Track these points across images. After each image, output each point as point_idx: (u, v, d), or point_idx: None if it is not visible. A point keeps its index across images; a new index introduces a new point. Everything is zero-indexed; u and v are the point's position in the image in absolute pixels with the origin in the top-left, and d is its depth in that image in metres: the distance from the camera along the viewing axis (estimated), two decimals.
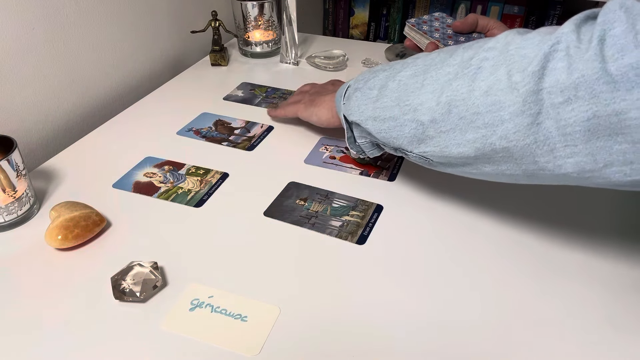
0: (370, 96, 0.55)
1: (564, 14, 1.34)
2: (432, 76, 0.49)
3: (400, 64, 0.55)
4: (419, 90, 0.49)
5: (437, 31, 0.75)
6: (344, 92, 0.60)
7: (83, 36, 0.79)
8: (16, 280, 0.51)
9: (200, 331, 0.46)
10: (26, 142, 0.73)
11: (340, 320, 0.47)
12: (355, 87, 0.58)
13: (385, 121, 0.53)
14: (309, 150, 0.72)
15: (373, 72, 0.57)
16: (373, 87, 0.55)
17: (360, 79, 0.59)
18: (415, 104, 0.49)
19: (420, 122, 0.49)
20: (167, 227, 0.58)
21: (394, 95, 0.52)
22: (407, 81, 0.51)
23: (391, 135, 0.53)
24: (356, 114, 0.57)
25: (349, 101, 0.58)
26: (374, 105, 0.54)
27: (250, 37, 1.00)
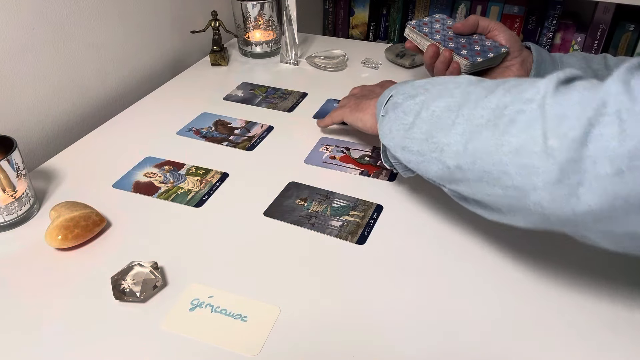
0: (404, 122, 0.52)
1: (564, 14, 1.34)
2: (464, 115, 0.45)
3: (439, 86, 0.51)
4: (449, 128, 0.46)
5: (437, 33, 0.74)
6: (386, 101, 0.57)
7: (83, 36, 0.79)
8: (16, 280, 0.51)
9: (200, 331, 0.46)
10: (26, 142, 0.73)
11: (340, 320, 0.47)
12: (395, 103, 0.55)
13: (413, 154, 0.50)
14: (309, 150, 0.72)
15: (414, 88, 0.54)
16: (409, 112, 0.52)
17: (401, 91, 0.55)
18: (443, 143, 0.46)
19: (446, 165, 0.46)
20: (167, 227, 0.58)
21: (424, 127, 0.49)
22: (440, 114, 0.47)
23: (419, 169, 0.51)
24: (387, 137, 0.54)
25: (384, 120, 0.55)
26: (405, 133, 0.51)
27: (250, 37, 1.00)
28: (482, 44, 0.73)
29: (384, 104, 0.57)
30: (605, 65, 0.69)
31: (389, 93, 0.57)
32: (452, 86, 0.50)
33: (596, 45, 1.33)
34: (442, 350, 0.45)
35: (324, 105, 0.84)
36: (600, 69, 0.68)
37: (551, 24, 1.34)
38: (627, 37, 1.29)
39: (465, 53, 0.71)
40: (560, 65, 0.69)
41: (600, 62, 0.69)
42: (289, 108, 0.84)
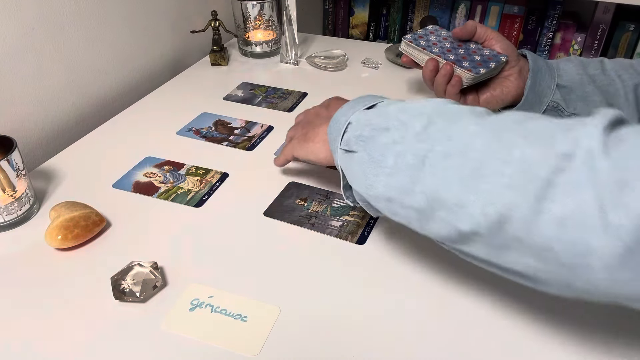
0: (382, 165, 0.42)
1: (564, 14, 1.34)
2: (476, 168, 0.36)
3: (420, 118, 0.42)
4: (456, 183, 0.37)
5: (435, 45, 0.73)
6: (342, 131, 0.47)
7: (83, 36, 0.79)
8: (16, 280, 0.51)
9: (200, 331, 0.46)
10: (26, 142, 0.73)
11: (340, 320, 0.47)
12: (361, 136, 0.45)
13: (405, 208, 0.41)
14: None
15: (384, 117, 0.44)
16: (387, 154, 0.42)
17: (364, 121, 0.46)
18: (451, 203, 0.37)
19: (456, 228, 0.38)
20: (167, 227, 0.58)
21: (416, 176, 0.40)
22: (437, 163, 0.38)
23: (412, 225, 0.42)
24: (360, 184, 0.45)
25: (349, 158, 0.46)
26: (387, 180, 0.42)
27: (250, 37, 1.00)
28: (481, 53, 0.71)
29: (341, 133, 0.47)
30: (602, 70, 0.68)
31: (344, 118, 0.48)
32: (439, 120, 0.41)
33: (596, 45, 1.33)
34: (442, 350, 0.45)
35: None
36: (597, 74, 0.68)
37: (551, 24, 1.34)
38: (627, 37, 1.29)
39: (467, 65, 0.69)
40: (557, 73, 0.69)
41: (597, 67, 0.69)
42: (289, 108, 0.84)
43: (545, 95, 0.69)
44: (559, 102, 0.69)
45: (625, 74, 0.67)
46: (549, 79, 0.69)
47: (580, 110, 0.69)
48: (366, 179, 0.44)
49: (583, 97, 0.68)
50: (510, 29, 1.38)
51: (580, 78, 0.68)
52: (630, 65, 0.68)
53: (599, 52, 1.33)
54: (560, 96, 0.69)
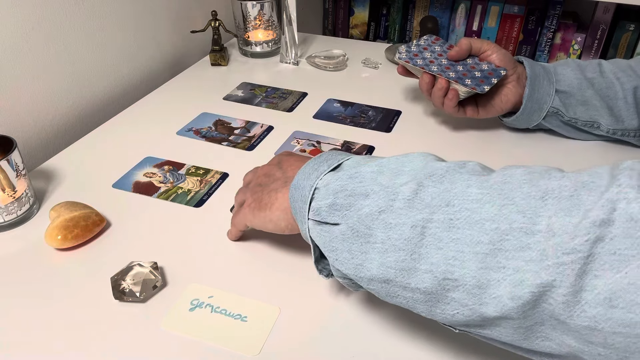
0: (370, 240, 0.37)
1: (564, 14, 1.34)
2: (492, 241, 0.32)
3: (405, 184, 0.37)
4: (471, 260, 0.33)
5: (432, 63, 0.71)
6: (309, 199, 0.41)
7: (83, 36, 0.79)
8: (16, 281, 0.51)
9: (200, 331, 0.46)
10: (26, 142, 0.73)
11: (340, 320, 0.47)
12: (332, 205, 0.39)
13: (407, 290, 0.36)
14: (281, 143, 0.73)
15: (357, 180, 0.39)
16: (372, 225, 0.36)
17: (333, 186, 0.40)
18: (469, 284, 0.33)
19: (479, 314, 0.33)
20: (167, 227, 0.58)
21: (417, 252, 0.35)
22: (441, 234, 0.34)
23: (417, 309, 0.37)
24: (346, 263, 0.38)
25: (326, 232, 0.40)
26: (381, 259, 0.36)
27: (250, 37, 1.00)
28: (480, 68, 0.70)
29: (307, 201, 0.41)
30: (600, 72, 0.68)
31: (307, 183, 0.42)
32: (429, 182, 0.36)
33: (596, 45, 1.33)
34: (441, 350, 0.45)
35: (324, 105, 0.84)
36: (595, 77, 0.68)
37: (551, 24, 1.34)
38: (627, 37, 1.29)
39: (471, 83, 0.68)
40: (554, 78, 0.68)
41: (594, 69, 0.69)
42: (289, 108, 0.84)
43: (544, 102, 0.69)
44: (559, 107, 0.69)
45: (623, 77, 0.67)
46: (547, 86, 0.68)
47: (580, 115, 0.69)
48: (353, 257, 0.38)
49: (583, 101, 0.68)
50: (510, 29, 1.38)
51: (579, 82, 0.68)
52: (628, 67, 0.68)
53: (599, 52, 1.33)
54: (559, 102, 0.68)
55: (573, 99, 0.68)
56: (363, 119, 0.80)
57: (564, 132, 0.73)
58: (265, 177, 0.52)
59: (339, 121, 0.80)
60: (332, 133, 0.76)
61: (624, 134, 0.70)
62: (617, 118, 0.68)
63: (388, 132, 0.77)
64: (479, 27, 1.41)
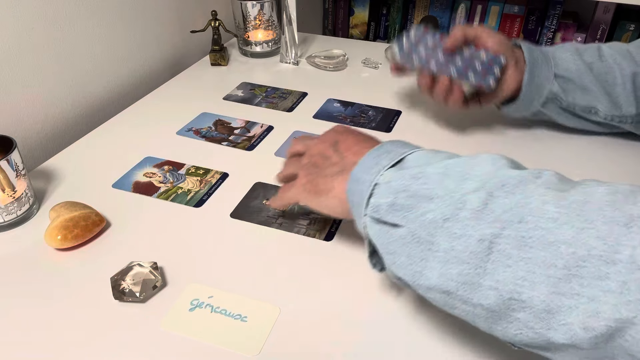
0: (432, 248, 0.36)
1: (564, 14, 1.34)
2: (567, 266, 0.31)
3: (474, 192, 0.35)
4: (542, 282, 0.31)
5: (429, 61, 0.68)
6: (368, 195, 0.40)
7: (82, 36, 0.79)
8: (16, 281, 0.51)
9: (200, 331, 0.46)
10: (26, 142, 0.73)
11: (341, 320, 0.47)
12: (393, 205, 0.38)
13: (468, 304, 0.35)
14: (280, 143, 0.73)
15: (422, 181, 0.38)
16: (435, 233, 0.35)
17: (396, 184, 0.39)
18: (537, 307, 0.32)
19: (545, 338, 0.32)
20: (167, 227, 0.58)
21: (483, 267, 0.33)
22: (511, 252, 0.33)
23: (476, 323, 0.36)
24: (404, 268, 0.38)
25: (384, 233, 0.39)
26: (443, 269, 0.35)
27: (250, 36, 1.00)
28: (480, 59, 0.67)
29: (366, 198, 0.40)
30: (599, 57, 0.67)
31: (367, 178, 0.41)
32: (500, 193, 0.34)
33: None
34: (440, 349, 0.45)
35: (324, 105, 0.84)
36: (594, 62, 0.67)
37: (551, 23, 1.34)
38: (627, 37, 1.29)
39: (474, 78, 0.66)
40: (553, 62, 0.67)
41: (593, 54, 0.68)
42: (289, 108, 0.84)
43: (544, 88, 0.68)
44: (558, 92, 0.68)
45: (623, 62, 0.66)
46: (546, 70, 0.67)
47: (579, 100, 0.68)
48: (412, 263, 0.37)
49: (581, 86, 0.67)
50: (510, 29, 1.38)
51: (577, 67, 0.67)
52: (627, 52, 0.67)
53: None
54: (558, 87, 0.67)
55: (572, 84, 0.67)
56: (363, 119, 0.80)
57: (561, 120, 0.72)
58: (321, 157, 0.50)
59: (339, 121, 0.80)
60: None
61: (622, 121, 0.69)
62: (615, 104, 0.67)
63: (388, 132, 0.77)
64: None
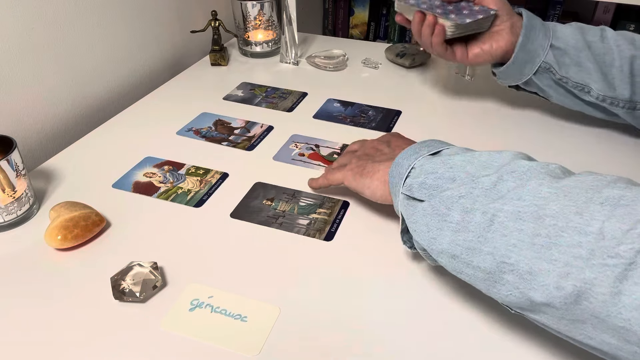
0: (447, 220, 0.42)
1: (564, 14, 1.34)
2: (549, 235, 0.35)
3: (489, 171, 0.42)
4: (528, 249, 0.36)
5: (424, 3, 0.71)
6: (405, 175, 0.47)
7: (82, 36, 0.79)
8: (16, 280, 0.51)
9: (200, 331, 0.46)
10: (26, 142, 0.73)
11: (341, 320, 0.47)
12: (424, 184, 0.45)
13: (470, 267, 0.41)
14: (279, 147, 0.73)
15: (448, 166, 0.44)
16: (451, 207, 0.41)
17: (429, 168, 0.46)
18: (522, 269, 0.37)
19: (527, 297, 0.37)
20: (167, 227, 0.58)
21: (484, 236, 0.39)
22: (508, 224, 0.38)
23: (478, 285, 0.42)
24: (423, 235, 0.44)
25: (412, 207, 0.46)
26: (453, 237, 0.41)
27: (250, 37, 1.00)
28: (471, 9, 0.69)
29: (403, 178, 0.47)
30: (601, 37, 0.67)
31: (407, 162, 0.48)
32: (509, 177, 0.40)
33: None
34: (439, 349, 0.45)
35: (324, 105, 0.84)
36: (595, 42, 0.66)
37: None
38: None
39: (454, 17, 0.67)
40: (552, 34, 0.67)
41: (596, 34, 0.67)
42: (289, 108, 0.84)
43: (537, 55, 0.67)
44: (552, 63, 0.67)
45: (624, 45, 0.66)
46: (542, 38, 0.67)
47: (572, 75, 0.67)
48: (429, 231, 0.43)
49: (577, 62, 0.67)
50: None
51: (575, 42, 0.66)
52: (632, 38, 0.67)
53: None
54: (553, 58, 0.67)
55: (567, 58, 0.67)
56: (363, 119, 0.80)
57: (553, 95, 0.71)
58: (373, 150, 0.59)
59: (339, 121, 0.80)
60: (332, 133, 0.76)
61: (613, 103, 0.68)
62: (609, 85, 0.66)
63: (388, 132, 0.77)
64: None
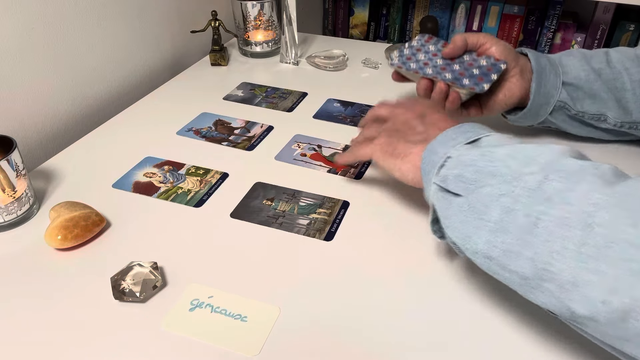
0: (484, 218, 0.39)
1: (564, 14, 1.34)
2: (597, 245, 0.33)
3: (533, 174, 0.38)
4: (573, 257, 0.34)
5: (427, 65, 0.66)
6: (440, 165, 0.45)
7: (82, 36, 0.79)
8: (16, 280, 0.51)
9: (200, 331, 0.46)
10: (26, 142, 0.73)
11: (341, 320, 0.47)
12: (459, 176, 0.42)
13: (506, 270, 0.38)
14: (282, 147, 0.73)
15: (488, 159, 0.41)
16: (490, 205, 0.39)
17: (466, 159, 0.43)
18: (564, 279, 0.34)
19: (567, 308, 0.35)
20: (167, 227, 0.58)
21: (525, 239, 0.37)
22: (553, 229, 0.35)
23: (513, 288, 0.40)
24: (457, 232, 0.42)
25: (446, 202, 0.43)
26: (490, 237, 0.39)
27: (250, 37, 1.00)
28: (478, 64, 0.65)
29: (437, 166, 0.45)
30: (607, 62, 0.66)
31: (442, 150, 0.45)
32: (556, 177, 0.37)
33: (596, 45, 1.33)
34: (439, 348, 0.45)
35: (324, 105, 0.84)
36: (603, 68, 0.65)
37: (551, 24, 1.34)
38: (627, 37, 1.29)
39: (469, 83, 0.63)
40: (560, 70, 0.66)
41: (601, 59, 0.66)
42: (289, 108, 0.84)
43: (551, 96, 0.66)
44: (566, 101, 0.66)
45: (632, 67, 0.65)
46: (554, 79, 0.65)
47: (588, 108, 0.66)
48: (464, 228, 0.41)
49: (590, 94, 0.65)
50: (510, 29, 1.38)
51: (586, 75, 0.65)
52: (636, 57, 0.66)
53: None
54: (566, 95, 0.66)
55: (581, 92, 0.65)
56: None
57: (569, 128, 0.70)
58: (405, 125, 0.54)
59: (339, 121, 0.80)
60: (332, 133, 0.76)
61: (632, 127, 0.67)
62: (625, 110, 0.65)
63: None
64: (478, 27, 1.41)
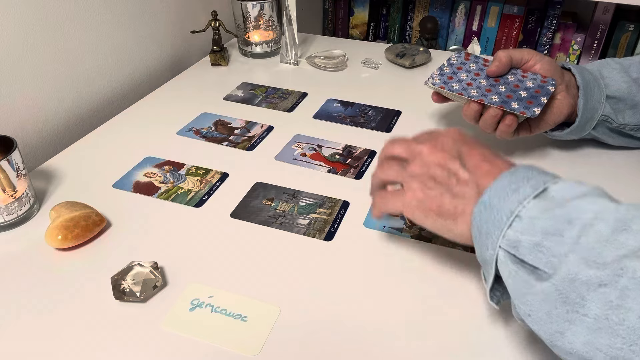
0: (580, 312, 0.32)
1: (564, 14, 1.34)
2: None
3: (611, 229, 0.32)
4: None
5: (470, 86, 0.63)
6: (506, 225, 0.36)
7: (82, 36, 0.79)
8: (16, 280, 0.51)
9: (200, 331, 0.46)
10: (26, 142, 0.73)
11: (341, 320, 0.47)
12: (538, 245, 0.34)
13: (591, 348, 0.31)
14: (282, 147, 0.73)
15: (579, 231, 0.33)
16: (587, 297, 0.32)
17: (543, 225, 0.35)
18: None
19: None
20: (167, 227, 0.58)
21: (621, 332, 0.30)
22: None
23: None
24: (544, 328, 0.34)
25: (521, 281, 0.36)
26: (590, 337, 0.32)
27: (250, 37, 1.00)
28: (525, 86, 0.62)
29: (502, 228, 0.37)
30: None
31: (507, 208, 0.37)
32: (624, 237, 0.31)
33: (596, 45, 1.33)
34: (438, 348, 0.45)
35: (324, 105, 0.84)
36: None
37: (551, 24, 1.34)
38: (626, 37, 1.29)
39: (517, 107, 0.60)
40: (603, 83, 0.63)
41: (637, 68, 0.64)
42: (289, 108, 0.84)
43: (596, 111, 0.64)
44: (609, 114, 0.64)
45: None
46: (598, 93, 0.63)
47: (629, 119, 0.64)
48: (551, 321, 0.33)
49: (632, 105, 0.64)
50: (509, 29, 1.38)
51: (628, 86, 0.63)
52: None
53: (599, 52, 1.33)
54: (609, 108, 0.64)
55: (622, 104, 0.64)
56: (363, 119, 0.80)
57: (608, 139, 0.68)
58: (442, 170, 0.44)
59: (339, 121, 0.80)
60: (332, 133, 0.76)
61: None
62: None
63: (388, 132, 0.77)
64: (478, 28, 1.41)
